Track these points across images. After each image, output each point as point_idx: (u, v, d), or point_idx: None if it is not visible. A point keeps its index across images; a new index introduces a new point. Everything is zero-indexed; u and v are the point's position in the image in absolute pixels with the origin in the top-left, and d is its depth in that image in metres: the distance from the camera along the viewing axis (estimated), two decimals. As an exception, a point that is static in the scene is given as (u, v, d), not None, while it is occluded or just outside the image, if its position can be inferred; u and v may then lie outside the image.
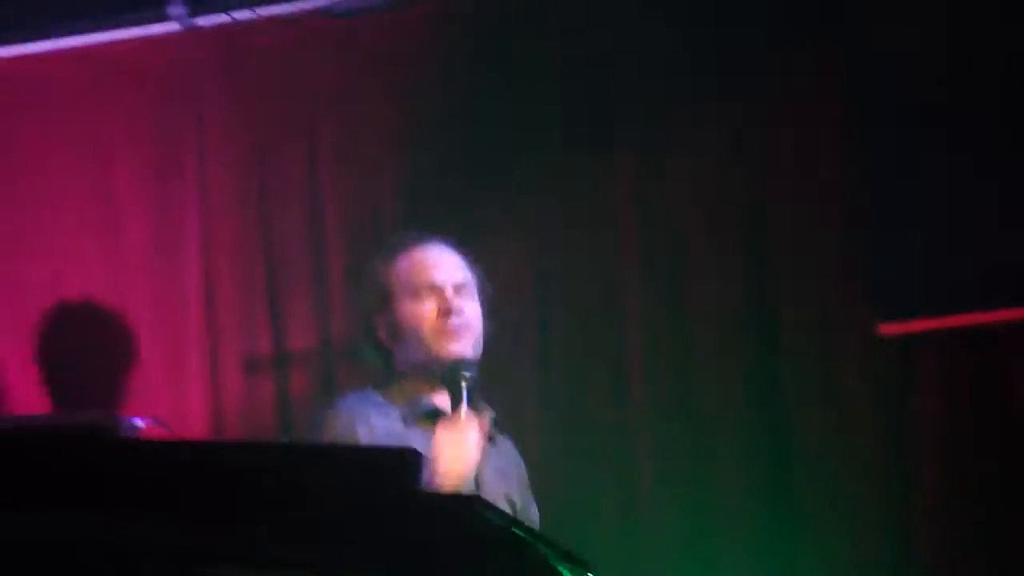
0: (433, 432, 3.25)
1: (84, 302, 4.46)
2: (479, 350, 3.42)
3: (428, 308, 3.39)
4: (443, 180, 4.23)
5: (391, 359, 3.46)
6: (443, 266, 3.46)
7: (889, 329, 3.93)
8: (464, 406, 3.26)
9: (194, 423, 4.29)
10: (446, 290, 3.41)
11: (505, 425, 3.50)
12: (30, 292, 4.50)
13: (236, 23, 4.37)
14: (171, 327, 4.38)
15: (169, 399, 4.32)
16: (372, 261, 3.55)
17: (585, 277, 4.16)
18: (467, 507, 1.79)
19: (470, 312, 3.42)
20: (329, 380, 4.24)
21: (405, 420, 3.35)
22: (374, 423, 3.30)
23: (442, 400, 3.35)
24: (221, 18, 4.37)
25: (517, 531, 1.79)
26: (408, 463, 1.83)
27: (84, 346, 4.47)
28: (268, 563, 1.79)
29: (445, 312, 3.38)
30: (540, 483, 3.58)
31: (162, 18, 4.38)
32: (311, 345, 4.27)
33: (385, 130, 4.31)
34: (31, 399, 4.47)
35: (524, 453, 3.59)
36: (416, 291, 3.41)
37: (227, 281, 4.36)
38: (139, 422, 3.83)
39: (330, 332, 4.25)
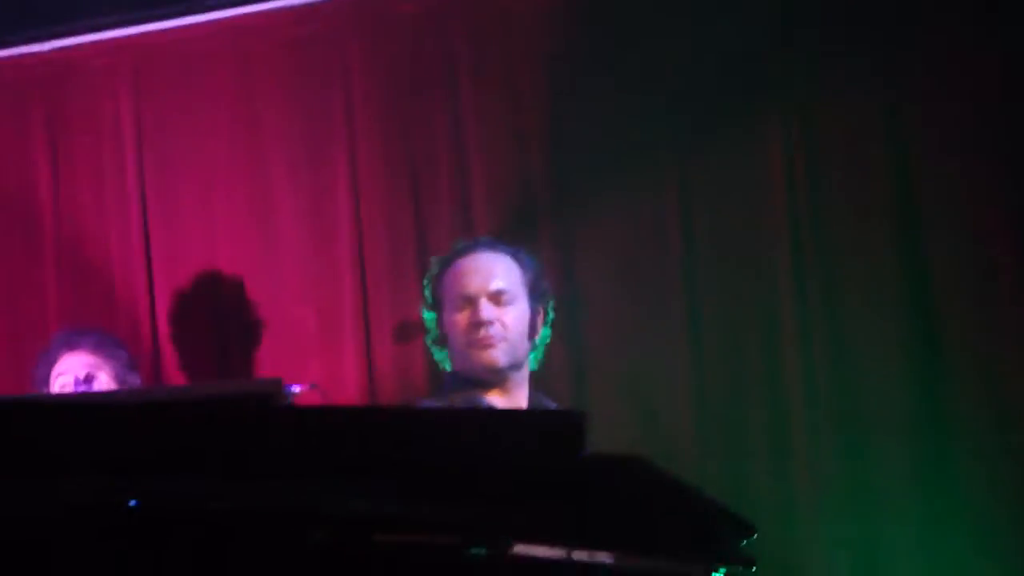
0: None
1: (239, 274, 4.53)
2: (517, 355, 3.55)
3: (461, 318, 3.57)
4: (589, 149, 4.21)
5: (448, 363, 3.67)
6: (478, 276, 3.59)
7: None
8: None
9: (348, 390, 4.34)
10: (479, 300, 3.55)
11: None
12: (186, 266, 4.58)
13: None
14: (325, 296, 4.43)
15: (324, 367, 4.37)
16: (429, 270, 3.73)
17: (736, 265, 4.13)
18: (634, 466, 1.77)
19: (508, 319, 3.55)
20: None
21: None
22: None
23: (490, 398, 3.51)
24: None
25: (684, 488, 1.78)
26: (573, 424, 1.83)
27: (240, 317, 4.54)
28: (438, 527, 1.80)
29: (476, 324, 3.53)
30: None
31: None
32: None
33: (530, 96, 4.29)
34: (189, 370, 4.56)
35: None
36: (454, 302, 3.59)
37: (379, 249, 4.40)
38: (297, 388, 3.88)
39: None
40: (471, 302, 3.56)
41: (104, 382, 4.13)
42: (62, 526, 1.75)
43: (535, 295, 3.64)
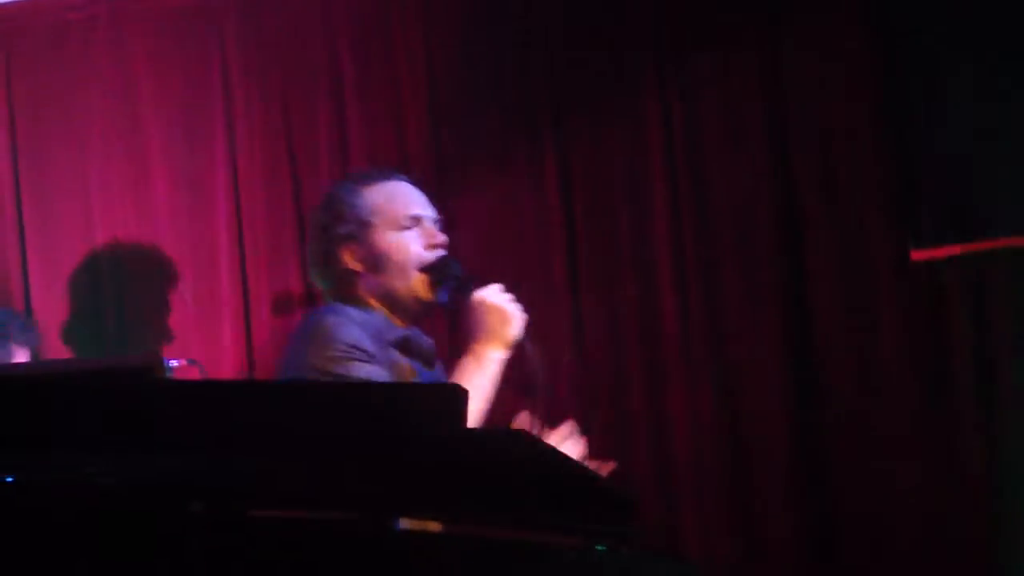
0: (401, 359, 3.28)
1: (115, 249, 4.47)
2: None
3: (413, 239, 3.35)
4: (468, 117, 4.23)
5: (352, 285, 3.37)
6: (421, 200, 3.42)
7: None
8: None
9: (227, 365, 4.32)
10: (428, 222, 3.38)
11: None
12: (61, 241, 4.51)
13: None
14: (203, 270, 4.40)
15: (202, 341, 4.34)
16: (339, 191, 3.44)
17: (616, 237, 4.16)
18: (514, 441, 1.79)
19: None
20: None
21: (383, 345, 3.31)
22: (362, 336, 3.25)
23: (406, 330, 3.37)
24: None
25: (564, 462, 1.80)
26: (454, 399, 1.84)
27: (117, 293, 4.49)
28: (315, 502, 1.81)
29: (433, 246, 3.34)
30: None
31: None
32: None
33: (408, 71, 4.29)
34: (66, 347, 4.51)
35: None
36: (396, 221, 3.35)
37: (258, 221, 4.38)
38: (174, 363, 3.86)
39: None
40: (420, 222, 3.37)
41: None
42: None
43: None
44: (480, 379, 3.20)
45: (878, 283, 4.02)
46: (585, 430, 4.03)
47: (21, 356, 4.10)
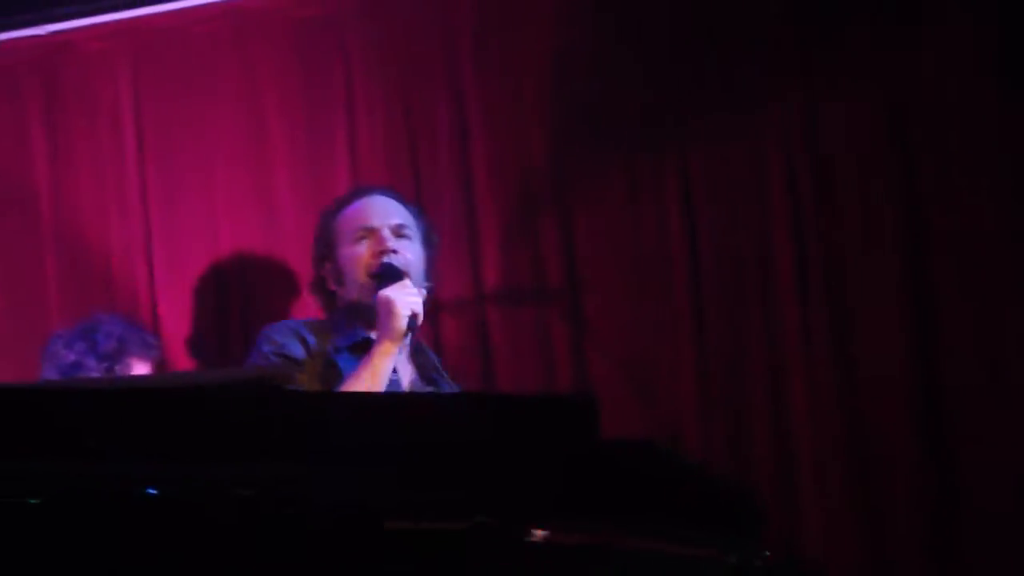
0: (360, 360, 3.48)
1: (241, 257, 4.52)
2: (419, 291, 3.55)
3: (362, 248, 3.61)
4: (591, 130, 4.20)
5: (334, 303, 3.72)
6: (379, 211, 3.67)
7: None
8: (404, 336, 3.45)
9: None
10: (381, 231, 3.61)
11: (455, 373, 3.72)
12: (187, 250, 4.57)
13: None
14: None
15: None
16: (321, 216, 3.79)
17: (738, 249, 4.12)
18: (647, 451, 1.77)
19: (408, 254, 3.62)
20: (482, 327, 4.26)
21: (336, 349, 3.59)
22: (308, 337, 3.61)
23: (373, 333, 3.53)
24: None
25: (698, 472, 1.78)
26: (585, 409, 1.83)
27: (242, 300, 4.53)
28: (448, 515, 1.80)
29: (379, 252, 3.58)
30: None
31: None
32: (464, 295, 4.28)
33: (532, 78, 4.28)
34: (192, 357, 4.55)
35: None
36: (352, 234, 3.64)
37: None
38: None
39: (482, 281, 4.24)
40: (372, 232, 3.62)
41: None
42: (73, 512, 1.74)
43: (428, 243, 3.72)
44: (365, 372, 3.40)
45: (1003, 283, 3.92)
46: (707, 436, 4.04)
47: (141, 369, 4.14)
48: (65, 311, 4.51)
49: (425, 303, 3.53)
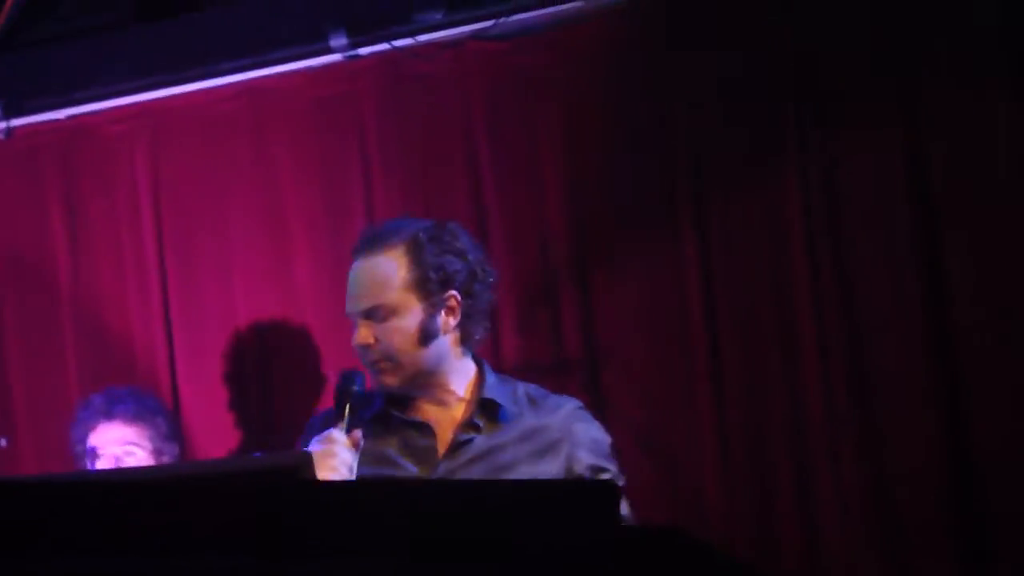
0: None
1: (260, 334, 4.52)
2: (412, 370, 3.34)
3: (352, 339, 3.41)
4: (609, 202, 4.20)
5: None
6: (352, 294, 3.42)
7: None
8: (344, 420, 3.19)
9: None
10: (353, 320, 3.39)
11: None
12: (206, 328, 4.58)
13: (394, 50, 4.39)
14: (347, 357, 4.40)
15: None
16: None
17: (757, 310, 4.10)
18: (672, 539, 1.75)
19: (389, 337, 3.32)
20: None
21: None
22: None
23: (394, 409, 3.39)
24: (381, 47, 4.39)
25: (724, 562, 1.76)
26: (605, 496, 1.81)
27: (262, 377, 4.53)
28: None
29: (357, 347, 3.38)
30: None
31: (324, 51, 4.42)
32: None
33: (547, 150, 4.29)
34: (211, 433, 4.55)
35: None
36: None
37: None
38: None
39: (501, 355, 4.23)
40: (351, 320, 3.43)
41: (141, 458, 4.11)
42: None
43: (431, 288, 3.34)
44: None
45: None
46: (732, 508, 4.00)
47: (112, 432, 4.14)
48: (84, 390, 4.52)
49: (360, 439, 3.21)
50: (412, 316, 3.34)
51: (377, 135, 4.45)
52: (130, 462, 4.12)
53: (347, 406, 3.21)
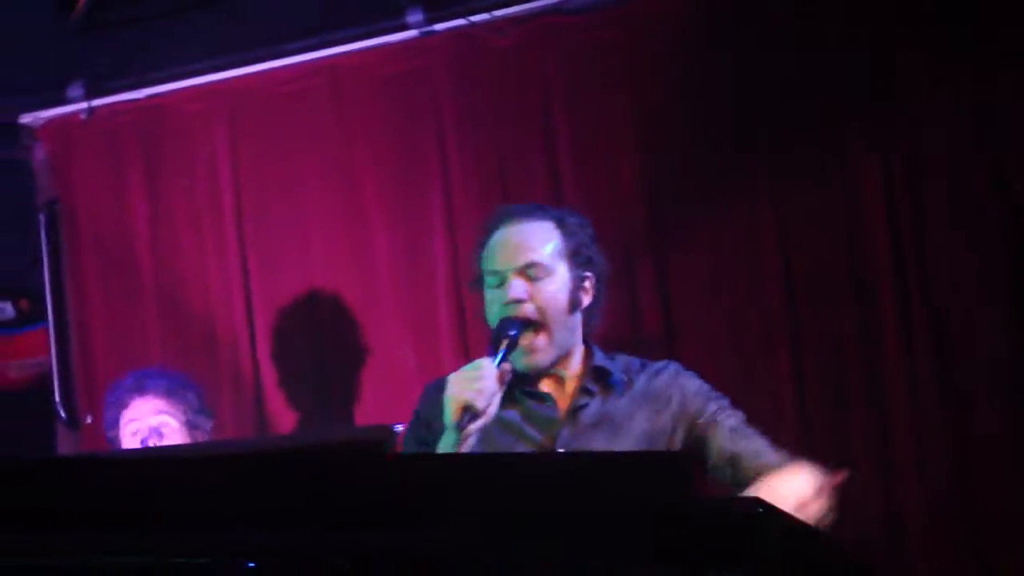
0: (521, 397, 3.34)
1: (338, 313, 4.55)
2: (562, 344, 3.38)
3: (494, 296, 3.39)
4: (684, 177, 4.18)
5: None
6: (507, 250, 3.40)
7: None
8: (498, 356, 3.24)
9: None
10: (506, 276, 3.35)
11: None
12: (285, 306, 4.61)
13: (470, 25, 4.39)
14: (424, 334, 4.43)
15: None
16: (477, 240, 3.54)
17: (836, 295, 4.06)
18: (750, 508, 1.75)
19: (543, 293, 3.35)
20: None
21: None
22: None
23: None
24: (457, 23, 4.40)
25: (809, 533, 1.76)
26: (682, 466, 1.82)
27: (340, 357, 4.56)
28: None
29: (506, 303, 3.34)
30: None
31: (400, 27, 4.44)
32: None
33: (623, 124, 4.27)
34: (292, 410, 4.59)
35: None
36: (488, 278, 3.42)
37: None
38: (400, 427, 3.89)
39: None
40: (499, 277, 3.39)
41: (174, 429, 4.13)
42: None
43: (578, 262, 3.43)
44: None
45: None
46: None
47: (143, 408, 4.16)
48: (166, 367, 4.56)
49: (508, 376, 3.27)
50: (563, 283, 3.40)
51: (452, 111, 4.45)
52: (165, 433, 4.11)
53: (504, 342, 3.28)
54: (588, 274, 3.46)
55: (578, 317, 3.45)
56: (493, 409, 3.19)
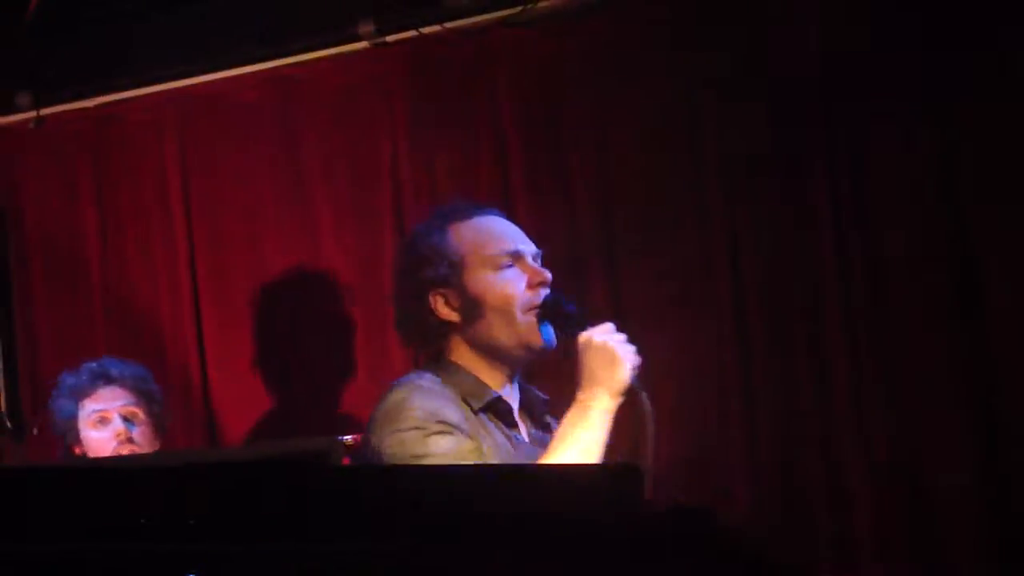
0: (498, 425, 3.02)
1: (288, 320, 4.55)
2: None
3: (513, 279, 3.04)
4: (637, 192, 4.19)
5: (446, 339, 3.08)
6: (518, 234, 3.11)
7: None
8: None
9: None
10: (528, 258, 3.06)
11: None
12: (235, 315, 4.61)
13: (422, 37, 4.39)
14: (374, 342, 4.42)
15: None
16: (424, 231, 3.14)
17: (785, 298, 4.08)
18: (699, 519, 1.76)
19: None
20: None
21: (472, 408, 3.02)
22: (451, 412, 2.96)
23: (507, 393, 3.07)
24: (408, 34, 4.40)
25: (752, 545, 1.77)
26: (630, 478, 1.82)
27: (290, 364, 4.56)
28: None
29: (536, 284, 3.03)
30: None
31: (352, 38, 4.43)
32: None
33: (574, 134, 4.28)
34: (240, 417, 4.58)
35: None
36: (496, 260, 3.05)
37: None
38: (348, 438, 3.87)
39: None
40: (520, 260, 3.06)
41: (143, 420, 4.09)
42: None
43: None
44: (583, 432, 2.87)
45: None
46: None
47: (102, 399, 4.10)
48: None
49: None
50: None
51: (404, 121, 4.45)
52: (137, 425, 4.07)
53: (569, 316, 3.03)
54: None
55: None
56: None
